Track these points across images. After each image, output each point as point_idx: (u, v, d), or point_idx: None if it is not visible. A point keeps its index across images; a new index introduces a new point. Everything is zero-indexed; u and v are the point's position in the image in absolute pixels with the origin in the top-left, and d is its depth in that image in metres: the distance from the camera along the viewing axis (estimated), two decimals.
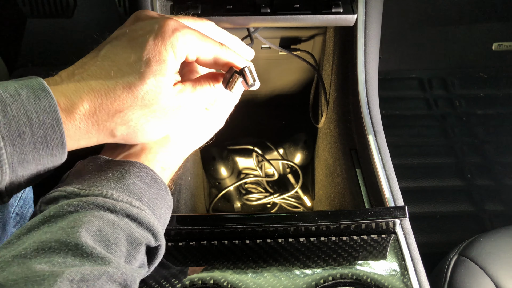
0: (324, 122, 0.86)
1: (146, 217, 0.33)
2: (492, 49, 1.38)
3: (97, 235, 0.30)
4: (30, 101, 0.31)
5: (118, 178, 0.34)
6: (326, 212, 0.48)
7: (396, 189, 0.59)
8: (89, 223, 0.30)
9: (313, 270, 0.50)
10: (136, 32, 0.35)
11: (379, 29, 0.68)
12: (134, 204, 0.33)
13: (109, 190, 0.33)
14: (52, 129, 0.31)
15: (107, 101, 0.33)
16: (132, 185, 0.34)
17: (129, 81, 0.33)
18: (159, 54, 0.34)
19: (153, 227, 0.34)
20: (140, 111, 0.35)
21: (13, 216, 0.47)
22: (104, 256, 0.29)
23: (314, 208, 1.03)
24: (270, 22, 0.50)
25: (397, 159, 1.17)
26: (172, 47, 0.34)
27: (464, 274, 0.70)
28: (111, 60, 0.34)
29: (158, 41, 0.34)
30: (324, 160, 0.87)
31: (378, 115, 0.66)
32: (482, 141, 1.23)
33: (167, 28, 0.35)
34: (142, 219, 0.33)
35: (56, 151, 0.32)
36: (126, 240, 0.32)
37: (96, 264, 0.28)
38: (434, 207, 1.10)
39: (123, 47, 0.35)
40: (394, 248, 0.52)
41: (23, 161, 0.31)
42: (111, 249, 0.30)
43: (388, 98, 1.31)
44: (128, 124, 0.35)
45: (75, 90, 0.33)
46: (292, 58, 0.87)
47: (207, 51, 0.37)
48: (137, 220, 0.33)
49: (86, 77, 0.33)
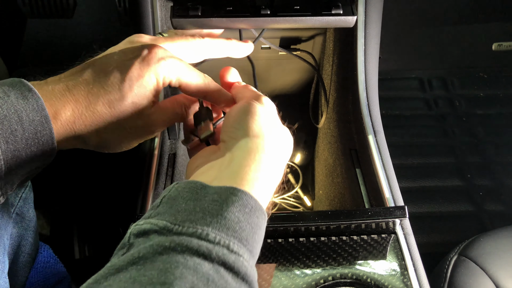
0: (324, 122, 0.86)
1: (243, 265, 0.29)
2: (492, 49, 1.38)
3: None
4: (19, 101, 0.32)
5: (215, 210, 0.30)
6: (326, 212, 0.48)
7: (396, 189, 0.59)
8: (181, 279, 0.26)
9: (313, 270, 0.50)
10: (125, 55, 0.38)
11: (379, 29, 0.68)
12: (232, 248, 0.29)
13: (204, 228, 0.29)
14: (42, 126, 0.33)
15: (86, 113, 0.35)
16: (230, 218, 0.30)
17: (110, 99, 0.36)
18: (142, 78, 0.36)
19: (249, 277, 0.30)
20: (115, 127, 0.37)
21: (13, 216, 0.47)
22: None
23: (314, 208, 1.03)
24: (270, 23, 0.50)
25: (397, 159, 1.17)
26: (156, 73, 0.37)
27: (464, 274, 0.70)
28: (96, 76, 0.36)
29: (144, 66, 0.36)
30: (324, 160, 0.87)
31: (378, 115, 0.66)
32: (482, 141, 1.23)
33: (154, 55, 0.37)
34: (239, 269, 0.29)
35: (47, 146, 0.34)
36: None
37: None
38: (434, 207, 1.10)
39: (111, 66, 0.37)
40: (394, 248, 0.52)
41: (16, 158, 0.33)
42: None
43: (388, 98, 1.31)
44: (101, 136, 0.37)
45: (60, 97, 0.35)
46: (292, 58, 0.87)
47: (190, 80, 0.39)
48: (234, 269, 0.29)
49: (71, 88, 0.35)
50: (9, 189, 0.34)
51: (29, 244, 0.51)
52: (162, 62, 0.37)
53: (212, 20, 0.47)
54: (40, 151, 0.34)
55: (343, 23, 0.51)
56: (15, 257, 0.49)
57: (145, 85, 0.37)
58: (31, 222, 0.51)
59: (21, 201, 0.49)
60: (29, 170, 0.35)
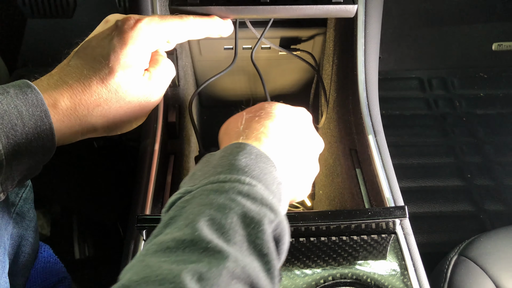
0: (324, 122, 0.86)
1: (258, 192, 0.31)
2: (492, 49, 1.38)
3: (211, 225, 0.28)
4: (19, 97, 0.33)
5: (223, 162, 0.33)
6: (326, 212, 0.47)
7: (396, 189, 0.59)
8: (200, 214, 0.29)
9: (313, 270, 0.50)
10: (103, 33, 0.39)
11: (379, 29, 0.68)
12: (244, 181, 0.31)
13: (215, 176, 0.32)
14: (41, 121, 0.34)
15: (85, 96, 0.36)
16: (238, 163, 0.32)
17: (101, 76, 0.37)
18: (125, 47, 0.37)
19: (268, 200, 0.31)
20: (116, 104, 0.38)
21: (14, 216, 0.47)
22: (221, 250, 0.27)
23: (314, 208, 1.03)
24: (270, 13, 0.50)
25: (397, 159, 1.17)
26: (135, 39, 0.38)
27: (464, 274, 0.70)
28: (83, 60, 0.38)
29: (123, 36, 0.38)
30: (324, 160, 0.87)
31: (378, 115, 0.66)
32: (482, 141, 1.23)
33: (129, 23, 0.38)
34: (255, 194, 0.31)
35: (47, 141, 0.35)
36: (241, 222, 0.29)
37: (214, 258, 0.26)
38: (434, 207, 1.10)
39: (93, 48, 0.38)
40: (394, 248, 0.52)
41: (17, 152, 0.33)
42: (228, 236, 0.28)
43: (388, 98, 1.31)
44: (107, 117, 0.38)
45: (55, 88, 0.36)
46: (292, 58, 0.86)
47: (170, 31, 0.40)
48: (250, 196, 0.30)
49: (63, 77, 0.37)
50: (10, 185, 0.35)
51: (29, 244, 0.51)
52: (139, 25, 0.38)
53: (211, 8, 0.46)
54: (40, 146, 0.34)
55: (344, 12, 0.50)
56: (15, 257, 0.49)
57: (130, 53, 0.37)
58: (31, 222, 0.51)
59: (21, 201, 0.49)
60: (29, 167, 0.35)
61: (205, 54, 0.87)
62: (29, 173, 0.36)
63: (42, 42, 1.31)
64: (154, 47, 0.40)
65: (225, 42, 0.84)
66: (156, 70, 0.40)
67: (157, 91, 0.41)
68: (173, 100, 0.73)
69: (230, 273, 0.26)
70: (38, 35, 1.32)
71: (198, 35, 0.43)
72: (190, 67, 0.88)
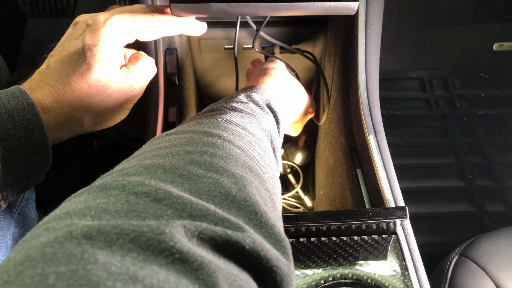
0: (324, 122, 0.86)
1: (265, 98, 0.49)
2: (493, 49, 1.38)
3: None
4: (10, 102, 0.35)
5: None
6: (327, 213, 0.47)
7: (397, 189, 0.58)
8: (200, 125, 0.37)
9: (313, 270, 0.50)
10: (75, 33, 0.41)
11: (380, 29, 0.67)
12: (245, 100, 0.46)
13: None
14: (33, 123, 0.35)
15: (67, 94, 0.38)
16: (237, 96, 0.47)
17: (81, 72, 0.38)
18: (98, 43, 0.39)
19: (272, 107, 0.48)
20: (98, 98, 0.39)
21: (16, 216, 0.47)
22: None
23: (314, 209, 1.03)
24: (271, 10, 0.49)
25: (398, 159, 1.17)
26: (107, 35, 0.39)
27: (464, 275, 0.70)
28: (60, 61, 0.39)
29: (94, 33, 0.39)
30: (324, 160, 0.87)
31: (379, 115, 0.66)
32: (483, 142, 1.23)
33: (99, 21, 0.40)
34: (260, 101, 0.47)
35: (40, 145, 0.36)
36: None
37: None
38: (435, 208, 1.10)
39: (68, 48, 0.40)
40: (395, 249, 0.52)
41: (12, 157, 0.34)
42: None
43: (389, 98, 1.31)
44: (91, 110, 0.40)
45: (37, 90, 0.37)
46: (293, 58, 0.86)
47: (140, 28, 0.41)
48: (256, 102, 0.47)
49: (44, 79, 0.38)
50: (10, 193, 0.35)
51: None
52: (108, 22, 0.39)
53: (212, 5, 0.46)
54: (33, 149, 0.35)
55: (345, 9, 0.50)
56: None
57: (104, 48, 0.39)
58: (33, 222, 0.51)
59: (23, 201, 0.49)
60: (28, 174, 0.35)
61: (205, 54, 0.87)
62: (30, 181, 0.37)
63: (42, 42, 1.32)
64: (124, 42, 0.41)
65: (226, 42, 0.84)
66: (135, 66, 0.42)
67: (136, 84, 0.43)
68: (173, 100, 0.73)
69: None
70: (38, 35, 1.32)
71: (169, 33, 0.45)
72: (190, 67, 0.88)
